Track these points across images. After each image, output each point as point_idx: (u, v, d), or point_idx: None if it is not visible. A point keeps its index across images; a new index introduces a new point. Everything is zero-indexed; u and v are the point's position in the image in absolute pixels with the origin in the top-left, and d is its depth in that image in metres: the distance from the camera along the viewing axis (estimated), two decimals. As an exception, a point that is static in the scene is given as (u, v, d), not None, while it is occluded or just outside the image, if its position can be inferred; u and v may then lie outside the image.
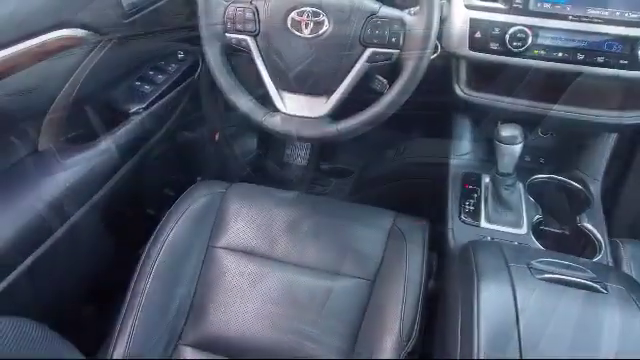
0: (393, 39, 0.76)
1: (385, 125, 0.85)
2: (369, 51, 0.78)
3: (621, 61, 0.84)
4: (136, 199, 1.16)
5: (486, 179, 0.99)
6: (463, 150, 1.06)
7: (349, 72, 0.79)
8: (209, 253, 0.95)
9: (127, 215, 1.13)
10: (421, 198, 1.09)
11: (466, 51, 0.91)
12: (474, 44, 0.90)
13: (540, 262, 0.66)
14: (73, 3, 0.86)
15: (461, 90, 0.97)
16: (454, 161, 1.04)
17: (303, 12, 0.78)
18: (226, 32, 0.84)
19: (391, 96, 0.78)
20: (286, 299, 0.88)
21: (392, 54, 0.77)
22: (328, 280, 0.89)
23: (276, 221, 0.97)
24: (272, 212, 0.98)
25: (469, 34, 0.89)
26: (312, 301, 0.87)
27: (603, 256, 0.86)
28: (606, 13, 0.84)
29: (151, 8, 1.03)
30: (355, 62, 0.79)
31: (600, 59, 0.85)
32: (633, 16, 0.83)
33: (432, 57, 0.99)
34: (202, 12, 0.84)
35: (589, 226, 0.91)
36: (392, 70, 0.83)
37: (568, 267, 0.65)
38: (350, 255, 0.92)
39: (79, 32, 0.87)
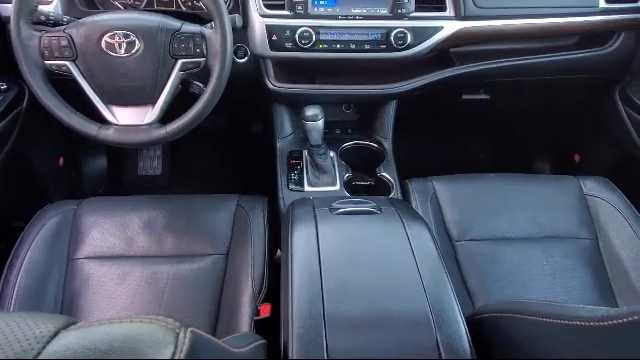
0: (197, 50, 0.92)
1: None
2: (180, 62, 0.92)
3: (381, 46, 1.11)
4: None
5: (305, 153, 1.21)
6: (286, 132, 1.27)
7: (167, 82, 0.93)
8: (70, 266, 1.01)
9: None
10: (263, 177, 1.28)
11: (268, 52, 1.11)
12: (273, 45, 1.10)
13: (339, 203, 0.88)
14: None
15: (271, 84, 1.17)
16: (280, 142, 1.24)
17: (114, 35, 0.89)
18: (45, 60, 0.91)
19: (206, 97, 0.93)
20: (152, 289, 0.98)
21: (200, 62, 0.93)
22: (188, 263, 1.02)
23: (132, 223, 1.06)
24: (127, 216, 1.07)
25: (267, 38, 1.09)
26: (176, 284, 0.99)
27: (395, 193, 1.14)
28: (364, 11, 1.10)
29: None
30: (170, 73, 0.93)
31: (367, 46, 1.11)
32: (383, 11, 1.10)
33: (243, 60, 1.18)
34: (17, 46, 0.89)
35: (385, 174, 1.19)
36: (207, 75, 0.99)
37: (358, 203, 0.88)
38: (204, 238, 1.06)
39: None
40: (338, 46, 1.11)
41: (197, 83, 0.99)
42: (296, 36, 1.08)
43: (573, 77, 1.27)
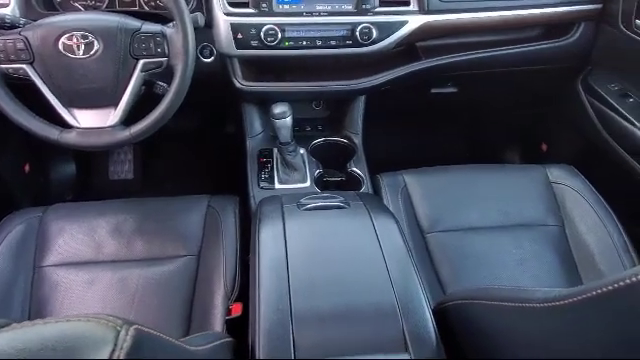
0: (159, 49, 0.91)
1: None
2: (141, 62, 0.91)
3: (347, 42, 1.12)
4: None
5: (275, 150, 1.21)
6: (256, 131, 1.27)
7: (129, 83, 0.92)
8: (37, 274, 0.98)
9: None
10: (236, 177, 1.27)
11: (234, 50, 1.10)
12: (239, 44, 1.09)
13: (307, 199, 0.88)
14: None
15: (239, 82, 1.16)
16: (250, 141, 1.24)
17: (72, 36, 0.87)
18: (1, 64, 0.89)
19: (170, 97, 0.92)
20: (122, 293, 0.97)
21: (162, 62, 0.92)
22: (159, 266, 1.01)
23: (100, 228, 1.04)
24: (95, 221, 1.05)
25: (233, 36, 1.08)
26: (147, 287, 0.98)
27: (365, 188, 1.15)
28: (329, 7, 1.10)
29: None
30: (131, 74, 0.91)
31: (333, 42, 1.12)
32: (348, 7, 1.11)
33: (210, 60, 1.17)
34: None
35: (356, 169, 1.19)
36: (171, 75, 0.98)
37: (326, 198, 0.89)
38: (175, 239, 1.04)
39: None
40: (304, 43, 1.11)
41: (161, 83, 0.98)
42: (262, 34, 1.08)
43: (536, 68, 1.29)
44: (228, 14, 1.08)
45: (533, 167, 1.21)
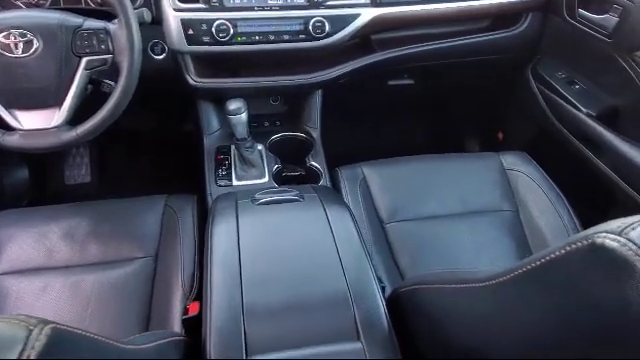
0: (102, 46, 0.88)
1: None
2: (85, 60, 0.88)
3: (300, 36, 1.11)
4: None
5: (233, 147, 1.20)
6: (213, 128, 1.25)
7: (73, 82, 0.89)
8: (-15, 284, 0.94)
9: None
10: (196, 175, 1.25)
11: (185, 47, 1.08)
12: (190, 40, 1.07)
13: (261, 194, 0.87)
14: None
15: (192, 79, 1.14)
16: (207, 139, 1.22)
17: (9, 34, 0.83)
18: None
19: (117, 95, 0.90)
20: (76, 299, 0.94)
21: (106, 59, 0.89)
22: (115, 269, 0.98)
23: (51, 233, 1.01)
24: (46, 227, 1.02)
25: (184, 33, 1.06)
26: (103, 291, 0.95)
27: (323, 181, 1.15)
28: (281, 1, 1.10)
29: None
30: (75, 72, 0.88)
31: (286, 37, 1.11)
32: (300, 1, 1.10)
33: (161, 57, 1.15)
34: None
35: (314, 163, 1.19)
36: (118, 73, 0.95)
37: (281, 192, 0.88)
38: (131, 241, 1.02)
39: None
40: (257, 38, 1.10)
41: (108, 81, 0.95)
42: (213, 30, 1.06)
43: (488, 58, 1.32)
44: (178, 10, 1.06)
45: (488, 155, 1.24)
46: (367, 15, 1.13)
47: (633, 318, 0.33)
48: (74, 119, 0.92)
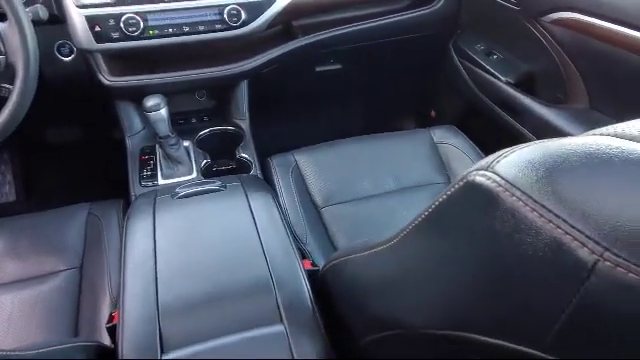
0: (-7, 48, 0.82)
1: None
2: (-26, 63, 0.82)
3: (216, 26, 1.08)
4: None
5: (157, 146, 1.15)
6: (136, 129, 1.20)
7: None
8: None
9: None
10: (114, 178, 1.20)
11: (94, 45, 1.02)
12: (98, 37, 1.02)
13: (183, 188, 0.84)
14: None
15: (105, 79, 1.09)
16: (130, 140, 1.17)
17: None
18: None
19: (15, 99, 0.84)
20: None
21: (-1, 61, 0.83)
22: (36, 285, 0.92)
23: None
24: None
25: (90, 30, 1.01)
26: (25, 309, 0.89)
27: (254, 172, 1.13)
28: (189, -10, 1.06)
29: None
30: (-36, 77, 0.82)
31: (201, 27, 1.07)
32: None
33: (70, 59, 1.09)
34: None
35: (244, 155, 1.17)
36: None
37: (203, 184, 0.86)
38: (53, 254, 0.96)
39: None
40: (170, 30, 1.06)
41: (6, 86, 0.89)
42: (121, 24, 1.01)
43: (410, 37, 1.34)
44: (81, 6, 1.00)
45: (419, 131, 1.26)
46: (282, 1, 1.12)
47: (503, 252, 0.33)
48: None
